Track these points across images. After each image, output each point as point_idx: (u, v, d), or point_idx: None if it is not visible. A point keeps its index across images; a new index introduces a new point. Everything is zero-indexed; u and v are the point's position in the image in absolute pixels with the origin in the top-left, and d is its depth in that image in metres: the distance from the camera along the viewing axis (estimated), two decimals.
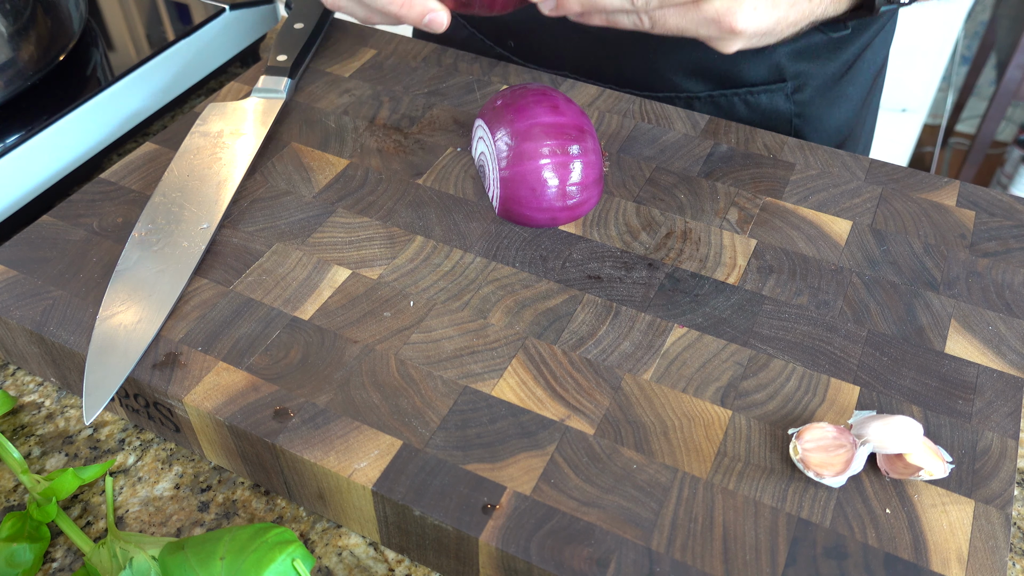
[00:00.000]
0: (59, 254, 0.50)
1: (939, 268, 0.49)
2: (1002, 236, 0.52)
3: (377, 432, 0.40)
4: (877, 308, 0.47)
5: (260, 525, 0.37)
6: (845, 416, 0.42)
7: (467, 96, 0.62)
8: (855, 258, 0.50)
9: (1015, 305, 0.47)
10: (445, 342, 0.45)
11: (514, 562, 0.37)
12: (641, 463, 0.40)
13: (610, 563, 0.36)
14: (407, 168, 0.55)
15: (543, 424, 0.41)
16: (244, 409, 0.41)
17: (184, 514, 0.43)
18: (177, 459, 0.46)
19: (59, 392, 0.49)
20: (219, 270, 0.48)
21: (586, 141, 0.49)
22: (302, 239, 0.50)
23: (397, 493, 0.38)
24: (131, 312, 0.45)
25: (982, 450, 0.40)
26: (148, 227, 0.50)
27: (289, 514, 0.43)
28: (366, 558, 0.42)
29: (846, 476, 0.38)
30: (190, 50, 0.68)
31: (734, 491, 0.39)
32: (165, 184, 0.53)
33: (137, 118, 0.65)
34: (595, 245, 0.50)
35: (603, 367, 0.44)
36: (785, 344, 0.45)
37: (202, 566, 0.35)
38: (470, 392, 0.42)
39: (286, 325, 0.45)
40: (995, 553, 0.37)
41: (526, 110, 0.49)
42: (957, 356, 0.45)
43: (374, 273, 0.48)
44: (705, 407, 0.42)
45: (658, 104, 0.61)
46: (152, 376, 0.43)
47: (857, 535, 0.37)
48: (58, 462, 0.45)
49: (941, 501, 0.39)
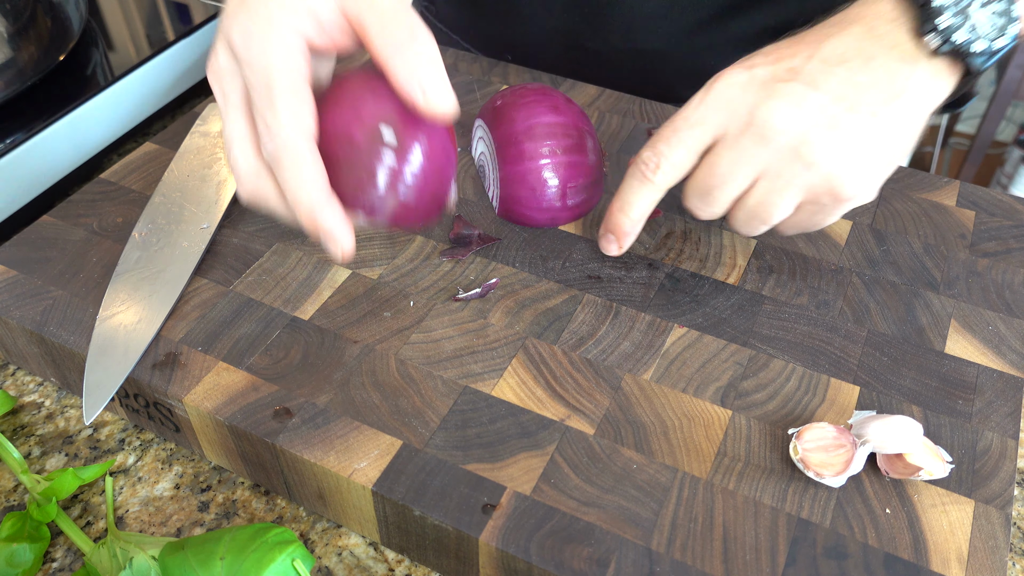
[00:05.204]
0: (59, 254, 0.50)
1: (939, 268, 0.49)
2: (1002, 236, 0.52)
3: (377, 432, 0.40)
4: (877, 308, 0.47)
5: (260, 525, 0.37)
6: (845, 416, 0.42)
7: (467, 96, 0.62)
8: (855, 258, 0.50)
9: (1015, 305, 0.47)
10: (445, 342, 0.45)
11: (514, 562, 0.37)
12: (641, 463, 0.40)
13: (610, 563, 0.36)
14: None
15: (543, 424, 0.41)
16: (244, 409, 0.41)
17: (184, 514, 0.43)
18: (177, 459, 0.46)
19: (59, 392, 0.49)
20: (219, 270, 0.48)
21: (586, 141, 0.49)
22: (302, 239, 0.50)
23: (397, 493, 0.38)
24: (131, 312, 0.45)
25: (982, 450, 0.40)
26: (148, 227, 0.50)
27: (289, 514, 0.43)
28: (366, 558, 0.42)
29: (846, 476, 0.38)
30: (190, 50, 0.68)
31: (734, 491, 0.39)
32: (165, 184, 0.53)
33: (137, 118, 0.65)
34: (595, 245, 0.50)
35: (603, 367, 0.44)
36: (785, 344, 0.45)
37: (202, 566, 0.35)
38: (470, 392, 0.42)
39: (286, 325, 0.45)
40: (995, 553, 0.37)
41: (526, 110, 0.49)
42: (957, 356, 0.45)
43: (374, 273, 0.48)
44: (705, 407, 0.42)
45: (658, 104, 0.61)
46: (152, 376, 0.43)
47: (857, 535, 0.37)
48: (58, 462, 0.45)
49: (941, 501, 0.38)
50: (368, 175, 0.38)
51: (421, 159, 0.38)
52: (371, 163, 0.37)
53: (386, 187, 0.38)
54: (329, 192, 0.37)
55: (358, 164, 0.38)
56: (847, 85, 0.40)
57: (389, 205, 0.39)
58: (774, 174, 0.41)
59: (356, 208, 0.39)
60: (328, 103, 0.38)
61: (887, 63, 0.41)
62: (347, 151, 0.38)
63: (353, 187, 0.38)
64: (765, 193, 0.42)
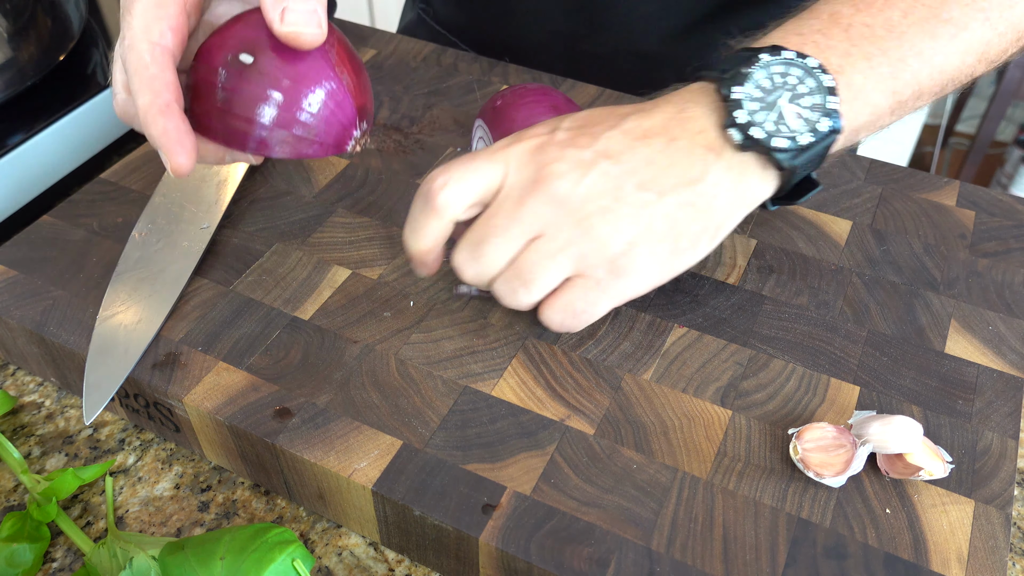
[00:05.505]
0: (59, 254, 0.50)
1: (939, 268, 0.49)
2: (1002, 236, 0.52)
3: (377, 432, 0.40)
4: (877, 308, 0.47)
5: (260, 525, 0.37)
6: (845, 416, 0.42)
7: (467, 96, 0.62)
8: (855, 258, 0.50)
9: (1015, 305, 0.47)
10: (445, 342, 0.45)
11: (514, 562, 0.37)
12: (641, 463, 0.40)
13: (610, 563, 0.36)
14: (407, 168, 0.55)
15: (543, 424, 0.41)
16: (244, 409, 0.41)
17: (184, 514, 0.43)
18: (177, 459, 0.46)
19: (59, 392, 0.49)
20: (219, 270, 0.48)
21: None
22: (302, 239, 0.50)
23: (397, 493, 0.38)
24: (131, 312, 0.45)
25: (982, 450, 0.40)
26: (148, 227, 0.50)
27: (289, 514, 0.43)
28: (366, 558, 0.42)
29: (846, 476, 0.38)
30: None
31: (734, 491, 0.39)
32: (165, 184, 0.53)
33: None
34: None
35: (603, 367, 0.44)
36: (785, 344, 0.45)
37: (202, 566, 0.35)
38: (470, 392, 0.42)
39: (286, 325, 0.45)
40: (995, 553, 0.37)
41: (526, 110, 0.49)
42: (957, 356, 0.45)
43: (374, 273, 0.48)
44: (705, 407, 0.42)
45: None
46: (152, 376, 0.43)
47: (857, 535, 0.37)
48: (58, 462, 0.45)
49: (941, 501, 0.39)
50: (229, 102, 0.37)
51: (287, 85, 0.37)
52: (231, 89, 0.37)
53: (250, 116, 0.37)
54: (167, 102, 0.36)
55: (221, 91, 0.37)
56: (642, 161, 0.38)
57: (258, 136, 0.38)
58: (550, 236, 0.38)
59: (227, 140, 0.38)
60: (211, 36, 0.38)
61: (690, 147, 0.39)
62: (210, 77, 0.37)
63: (219, 117, 0.37)
64: (536, 253, 0.39)
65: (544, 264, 0.39)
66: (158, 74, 0.36)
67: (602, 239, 0.38)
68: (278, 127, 0.38)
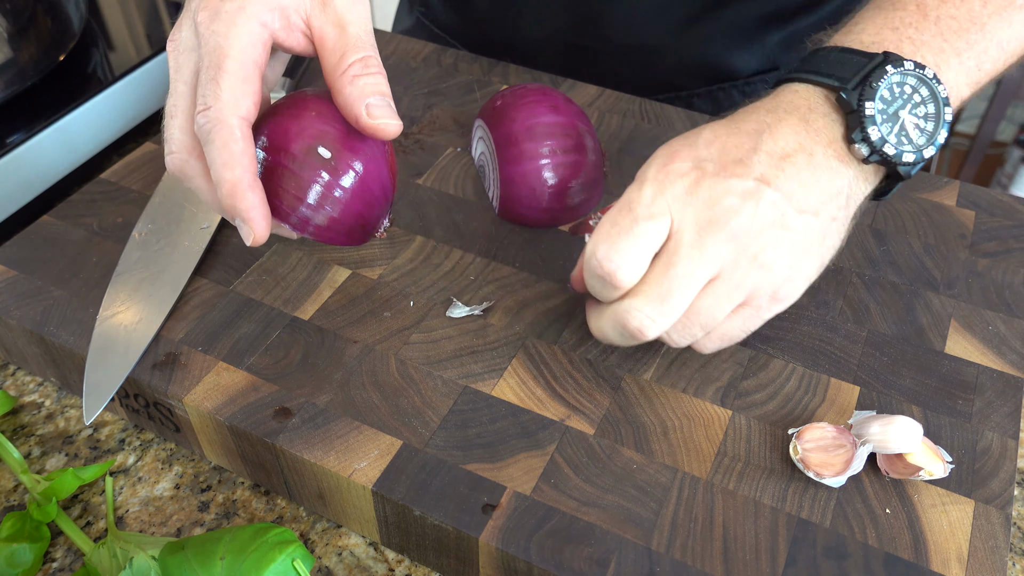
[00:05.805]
0: (59, 254, 0.50)
1: (939, 268, 0.49)
2: (1002, 236, 0.52)
3: (377, 432, 0.40)
4: (877, 308, 0.47)
5: (260, 525, 0.37)
6: (845, 416, 0.42)
7: (467, 96, 0.62)
8: (855, 258, 0.50)
9: (1015, 305, 0.47)
10: (445, 342, 0.45)
11: (514, 562, 0.37)
12: (641, 463, 0.40)
13: (610, 563, 0.36)
14: (407, 168, 0.55)
15: (543, 424, 0.41)
16: (244, 409, 0.41)
17: (184, 514, 0.43)
18: (177, 459, 0.46)
19: (59, 392, 0.49)
20: (219, 270, 0.48)
21: (586, 141, 0.49)
22: (302, 239, 0.50)
23: (397, 493, 0.38)
24: (131, 312, 0.45)
25: (982, 450, 0.40)
26: (148, 227, 0.50)
27: (289, 514, 0.43)
28: (366, 558, 0.42)
29: (846, 476, 0.38)
30: None
31: (734, 491, 0.39)
32: (165, 184, 0.53)
33: (137, 118, 0.64)
34: None
35: (603, 367, 0.44)
36: (785, 344, 0.45)
37: (202, 566, 0.35)
38: (470, 392, 0.42)
39: (286, 325, 0.45)
40: (995, 553, 0.37)
41: (526, 110, 0.49)
42: (957, 356, 0.45)
43: (374, 273, 0.48)
44: (705, 407, 0.42)
45: (658, 104, 0.61)
46: (152, 376, 0.43)
47: (857, 535, 0.37)
48: (58, 462, 0.45)
49: (941, 501, 0.38)
50: (298, 188, 0.39)
51: (352, 182, 0.40)
52: (303, 177, 0.39)
53: (315, 203, 0.39)
54: (253, 177, 0.37)
55: (291, 176, 0.39)
56: (795, 183, 0.38)
57: (315, 221, 0.40)
58: (726, 275, 0.38)
59: (283, 217, 0.40)
60: (276, 114, 0.40)
61: (826, 161, 0.38)
62: (283, 161, 0.39)
63: (283, 197, 0.39)
64: (713, 297, 0.38)
65: (722, 307, 0.38)
66: (246, 149, 0.37)
67: (772, 270, 0.38)
68: (333, 216, 0.40)
